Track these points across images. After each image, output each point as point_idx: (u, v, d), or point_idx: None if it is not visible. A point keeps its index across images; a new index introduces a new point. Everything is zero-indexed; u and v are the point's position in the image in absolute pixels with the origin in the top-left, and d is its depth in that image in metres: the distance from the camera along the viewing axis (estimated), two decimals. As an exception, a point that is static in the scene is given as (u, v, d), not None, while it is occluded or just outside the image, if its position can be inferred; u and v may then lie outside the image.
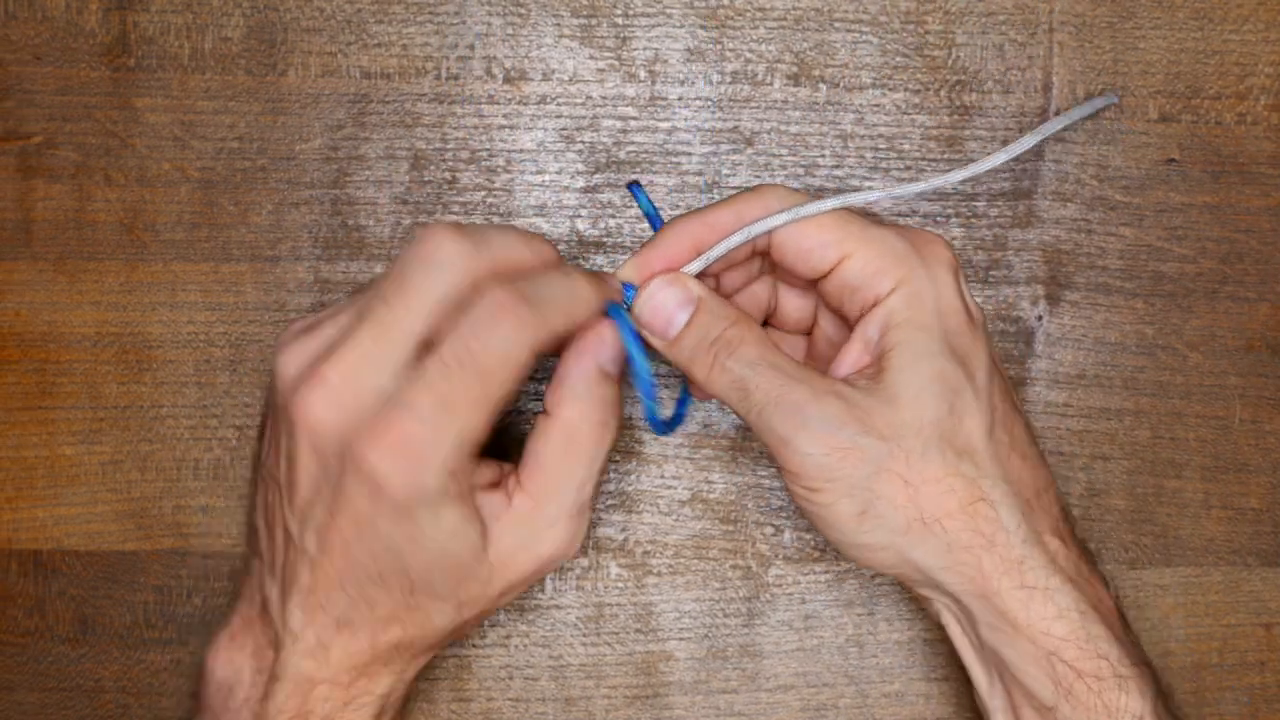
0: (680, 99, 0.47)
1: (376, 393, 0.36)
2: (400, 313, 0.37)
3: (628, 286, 0.40)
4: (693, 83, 0.47)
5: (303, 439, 0.37)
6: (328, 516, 0.38)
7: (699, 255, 0.40)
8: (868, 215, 0.40)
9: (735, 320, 0.39)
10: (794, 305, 0.44)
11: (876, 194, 0.40)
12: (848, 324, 0.41)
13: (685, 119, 0.47)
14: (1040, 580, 0.39)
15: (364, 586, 0.38)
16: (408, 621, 0.39)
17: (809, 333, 0.45)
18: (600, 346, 0.39)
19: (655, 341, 0.40)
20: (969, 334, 0.39)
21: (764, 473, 0.48)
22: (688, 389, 0.45)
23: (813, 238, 0.40)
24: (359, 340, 0.37)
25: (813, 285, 0.42)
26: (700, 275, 0.40)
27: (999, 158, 0.42)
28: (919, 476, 0.38)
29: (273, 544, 0.40)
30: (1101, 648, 0.39)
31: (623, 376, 0.41)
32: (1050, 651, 0.39)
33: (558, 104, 0.47)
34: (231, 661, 0.41)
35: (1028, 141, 0.42)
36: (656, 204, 0.47)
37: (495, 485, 0.40)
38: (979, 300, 0.48)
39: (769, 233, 0.40)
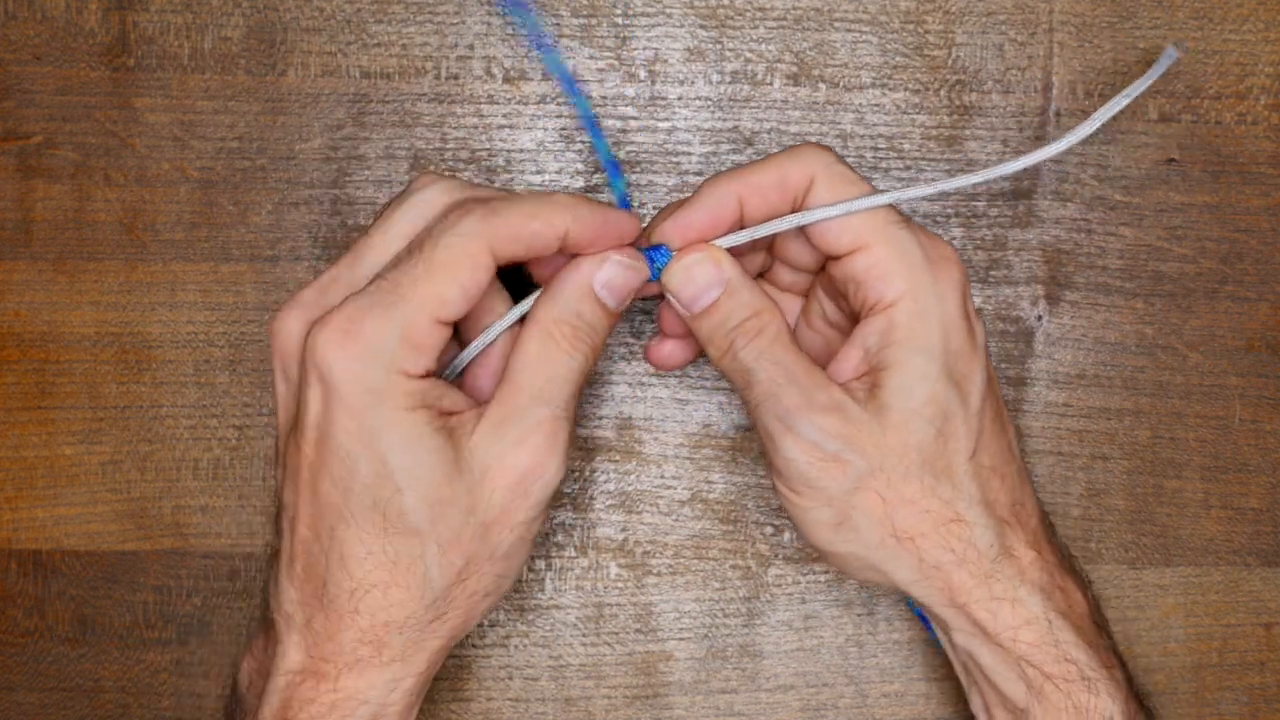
0: (680, 99, 0.47)
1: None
2: (376, 239, 0.39)
3: (661, 248, 0.40)
4: (693, 83, 0.47)
5: (275, 362, 0.39)
6: (294, 447, 0.38)
7: (738, 221, 0.40)
8: (899, 213, 0.39)
9: (757, 311, 0.39)
10: (794, 260, 0.43)
11: (939, 185, 0.40)
12: (844, 309, 0.41)
13: (685, 119, 0.47)
14: (1009, 592, 0.39)
15: (335, 531, 0.37)
16: (390, 581, 0.37)
17: (806, 294, 0.44)
18: (600, 265, 0.39)
19: (678, 309, 0.40)
20: (968, 355, 0.39)
21: (764, 473, 0.48)
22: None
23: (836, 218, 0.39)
24: (335, 268, 0.39)
25: (822, 262, 0.41)
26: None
27: (1075, 136, 0.40)
28: (897, 497, 0.39)
29: (276, 521, 0.40)
30: (1070, 653, 0.39)
31: (619, 313, 0.40)
32: (1020, 656, 0.40)
33: (557, 104, 0.47)
34: (245, 671, 0.41)
35: (1112, 109, 0.40)
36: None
37: (471, 409, 0.39)
38: (978, 301, 0.48)
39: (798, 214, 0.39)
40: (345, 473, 0.37)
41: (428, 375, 0.37)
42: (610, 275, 0.39)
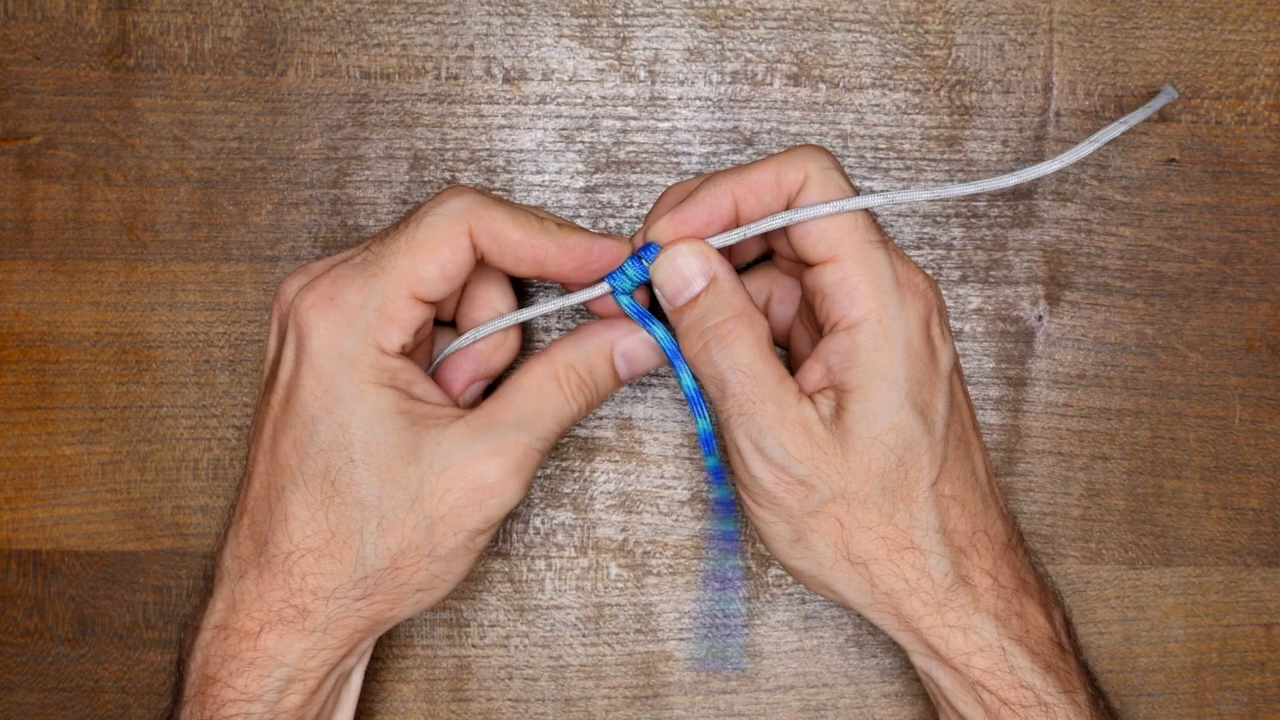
0: (680, 99, 0.47)
1: None
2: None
3: (653, 246, 0.40)
4: (693, 83, 0.47)
5: (274, 322, 0.40)
6: (264, 403, 0.39)
7: (734, 220, 0.40)
8: (880, 232, 0.40)
9: (738, 313, 0.39)
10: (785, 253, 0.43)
11: (925, 193, 0.40)
12: (813, 319, 0.41)
13: (685, 119, 0.47)
14: (961, 620, 0.40)
15: (284, 492, 0.38)
16: (324, 550, 0.38)
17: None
18: (628, 332, 0.41)
19: (663, 303, 0.40)
20: (931, 383, 0.39)
21: (764, 473, 0.48)
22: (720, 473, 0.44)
23: (813, 225, 0.39)
24: (352, 251, 0.40)
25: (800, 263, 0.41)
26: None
27: (1070, 157, 0.40)
28: (854, 521, 0.39)
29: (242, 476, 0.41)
30: (1025, 678, 0.39)
31: (623, 380, 0.41)
32: (975, 681, 0.40)
33: (557, 104, 0.47)
34: (186, 637, 0.41)
35: (1107, 135, 0.40)
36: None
37: (448, 407, 0.39)
38: (977, 301, 0.48)
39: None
40: (305, 435, 0.38)
41: (402, 354, 0.38)
42: (632, 347, 0.41)
